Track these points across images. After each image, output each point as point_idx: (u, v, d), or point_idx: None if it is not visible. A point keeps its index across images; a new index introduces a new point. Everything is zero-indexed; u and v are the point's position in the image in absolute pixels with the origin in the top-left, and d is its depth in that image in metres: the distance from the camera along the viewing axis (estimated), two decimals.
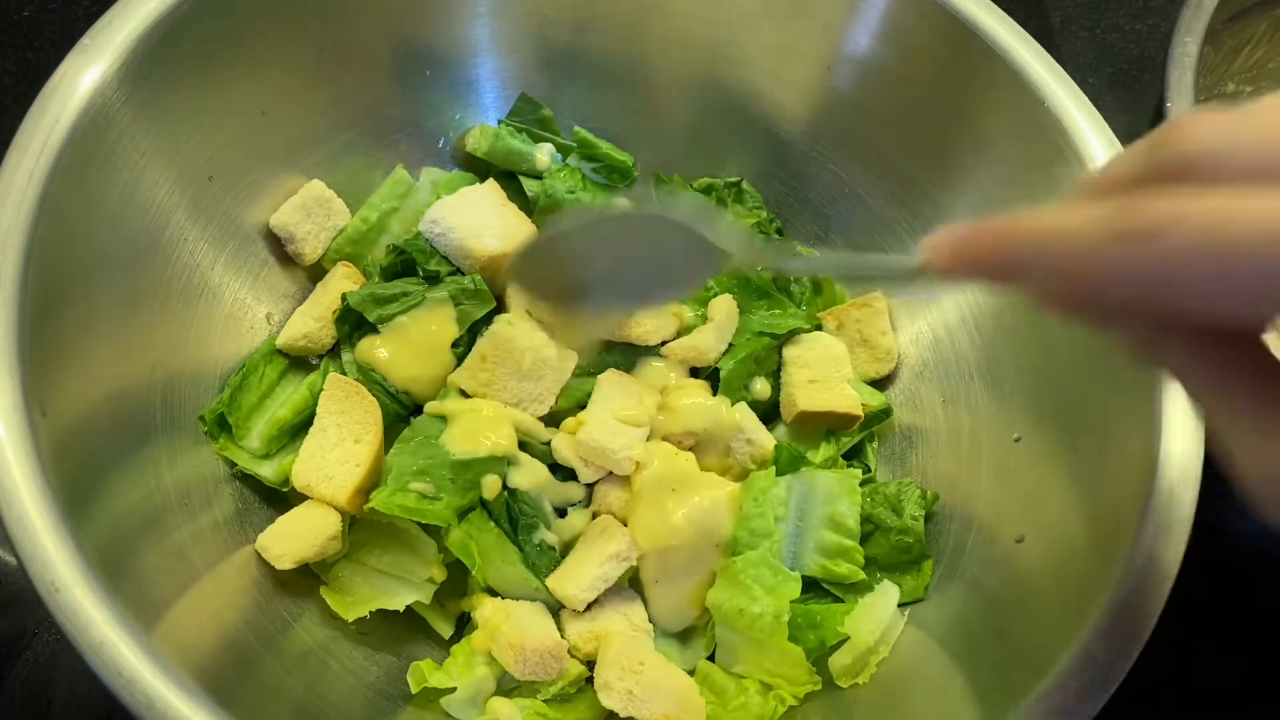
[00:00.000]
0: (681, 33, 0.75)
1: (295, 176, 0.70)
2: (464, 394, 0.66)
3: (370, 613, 0.62)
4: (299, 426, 0.66)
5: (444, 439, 0.63)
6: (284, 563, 0.60)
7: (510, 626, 0.60)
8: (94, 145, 0.55)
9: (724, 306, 0.71)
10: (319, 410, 0.64)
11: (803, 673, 0.62)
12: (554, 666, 0.60)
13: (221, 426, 0.64)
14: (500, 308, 0.71)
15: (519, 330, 0.65)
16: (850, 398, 0.70)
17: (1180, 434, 0.55)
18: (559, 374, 0.66)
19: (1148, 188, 0.33)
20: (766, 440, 0.68)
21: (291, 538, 0.61)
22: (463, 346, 0.68)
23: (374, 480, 0.63)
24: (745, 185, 0.79)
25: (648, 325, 0.69)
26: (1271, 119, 0.32)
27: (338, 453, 0.63)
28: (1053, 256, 0.35)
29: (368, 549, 0.64)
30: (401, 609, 0.62)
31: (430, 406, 0.65)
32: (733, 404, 0.69)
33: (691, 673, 0.64)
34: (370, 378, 0.67)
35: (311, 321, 0.69)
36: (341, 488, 0.62)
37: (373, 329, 0.67)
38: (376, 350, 0.67)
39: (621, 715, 0.59)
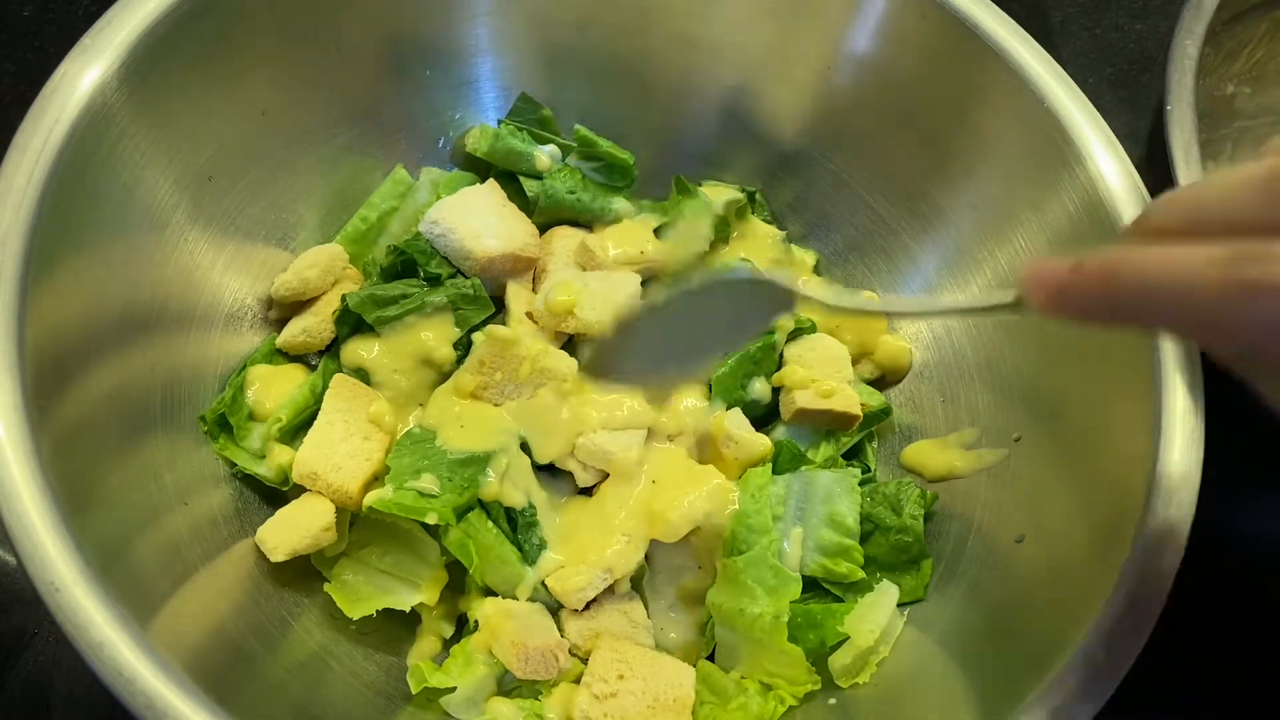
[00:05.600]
0: (681, 33, 0.75)
1: (295, 176, 0.70)
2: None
3: (375, 612, 0.62)
4: (300, 426, 0.66)
5: (441, 438, 0.63)
6: (277, 554, 0.60)
7: (512, 625, 0.60)
8: (94, 145, 0.55)
9: None
10: (325, 406, 0.64)
11: (802, 673, 0.62)
12: (555, 665, 0.60)
13: (222, 426, 0.64)
14: (499, 309, 0.71)
15: (517, 337, 0.65)
16: (850, 398, 0.70)
17: (1180, 434, 0.55)
18: (557, 382, 0.65)
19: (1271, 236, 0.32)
20: (756, 442, 0.68)
21: (287, 530, 0.61)
22: (460, 349, 0.68)
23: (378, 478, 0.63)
24: (759, 196, 0.80)
25: None
26: None
27: (347, 446, 0.63)
28: (1171, 302, 0.33)
29: (369, 548, 0.64)
30: (407, 609, 0.63)
31: (422, 414, 0.65)
32: (727, 406, 0.69)
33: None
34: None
35: (311, 318, 0.69)
36: (352, 477, 0.62)
37: (371, 330, 0.67)
38: (364, 356, 0.67)
39: None
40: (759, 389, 0.71)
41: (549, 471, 0.67)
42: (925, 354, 0.75)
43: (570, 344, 0.69)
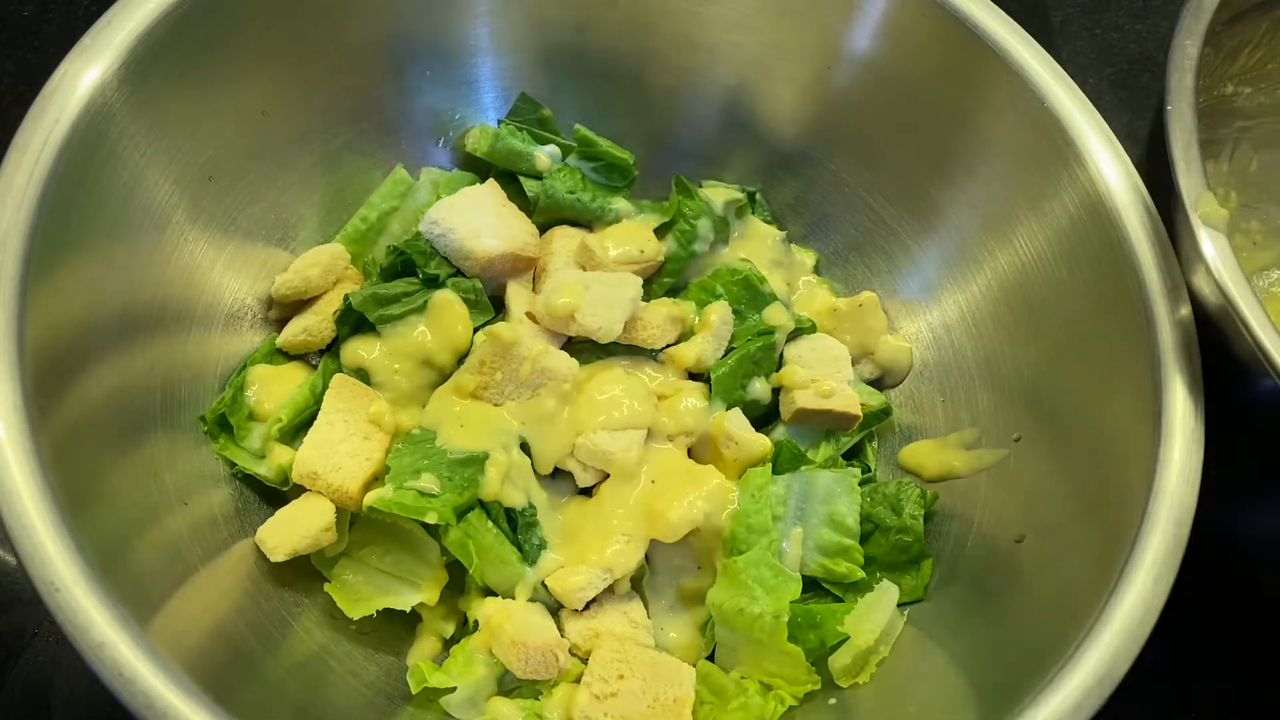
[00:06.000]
0: (681, 33, 0.75)
1: (295, 176, 0.70)
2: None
3: (375, 612, 0.62)
4: (300, 426, 0.66)
5: (441, 438, 0.63)
6: (277, 555, 0.60)
7: (512, 625, 0.60)
8: (94, 145, 0.55)
9: (719, 312, 0.71)
10: (325, 406, 0.64)
11: (802, 673, 0.62)
12: (555, 665, 0.60)
13: (222, 426, 0.64)
14: (500, 310, 0.71)
15: (518, 338, 0.65)
16: (850, 398, 0.70)
17: (1180, 434, 0.55)
18: (557, 383, 0.65)
19: None
20: (756, 442, 0.68)
21: (287, 530, 0.61)
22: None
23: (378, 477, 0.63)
24: (759, 196, 0.80)
25: (652, 330, 0.69)
26: None
27: (347, 446, 0.63)
28: None
29: (370, 548, 0.64)
30: (408, 609, 0.63)
31: (423, 415, 0.66)
32: (727, 406, 0.69)
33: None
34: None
35: (311, 317, 0.69)
36: (353, 477, 0.62)
37: (372, 328, 0.67)
38: (364, 356, 0.67)
39: None
40: (759, 389, 0.71)
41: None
42: (925, 354, 0.75)
43: (570, 344, 0.69)
